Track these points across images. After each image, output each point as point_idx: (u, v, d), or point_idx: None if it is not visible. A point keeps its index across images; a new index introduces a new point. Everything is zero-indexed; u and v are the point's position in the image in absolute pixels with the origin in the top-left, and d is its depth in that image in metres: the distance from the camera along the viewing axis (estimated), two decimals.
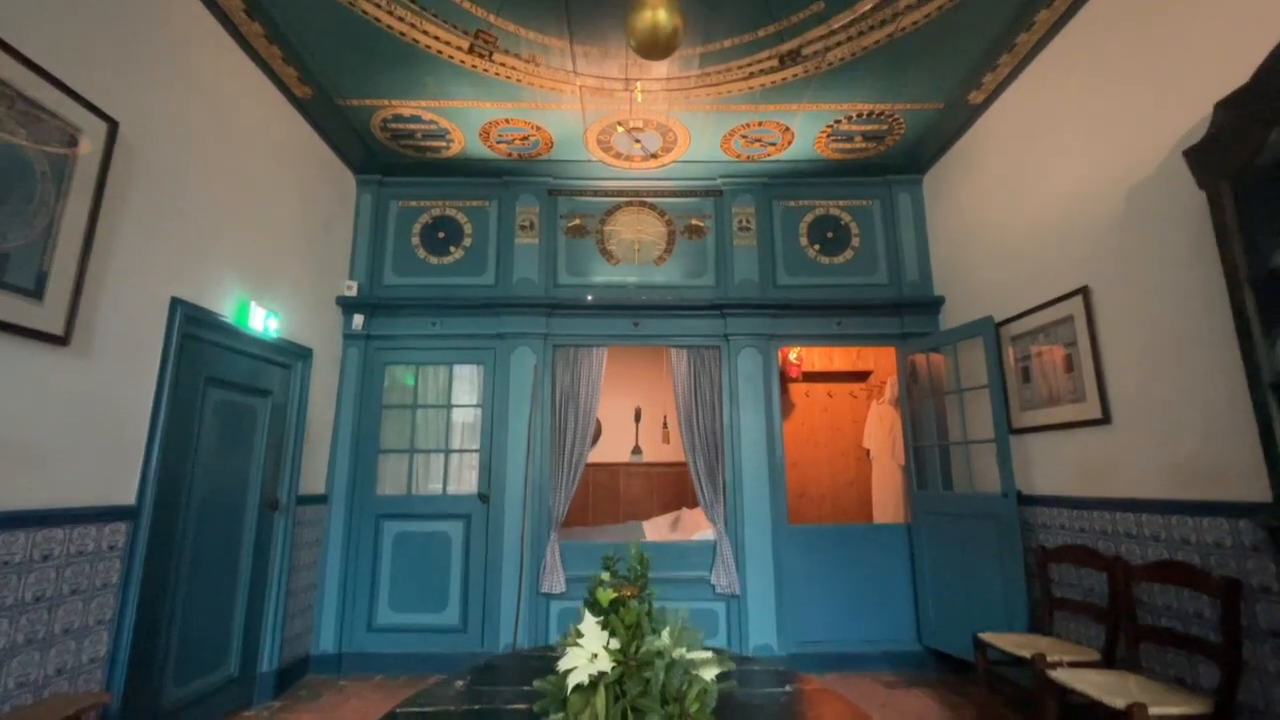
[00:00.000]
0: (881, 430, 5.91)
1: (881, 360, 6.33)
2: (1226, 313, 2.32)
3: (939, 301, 4.70)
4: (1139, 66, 2.88)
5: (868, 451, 6.14)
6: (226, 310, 3.35)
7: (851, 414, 6.63)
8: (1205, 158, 2.20)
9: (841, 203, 5.10)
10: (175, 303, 2.96)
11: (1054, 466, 3.46)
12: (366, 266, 4.85)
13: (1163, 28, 2.76)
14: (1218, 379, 2.46)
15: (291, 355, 4.01)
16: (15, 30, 2.19)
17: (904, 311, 4.78)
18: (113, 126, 2.55)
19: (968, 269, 4.37)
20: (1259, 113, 2.00)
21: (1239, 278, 2.09)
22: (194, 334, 3.12)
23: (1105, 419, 3.06)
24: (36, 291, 2.25)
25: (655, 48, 1.77)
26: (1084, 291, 3.19)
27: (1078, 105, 3.29)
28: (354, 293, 4.69)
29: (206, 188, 3.20)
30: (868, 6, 3.26)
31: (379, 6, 3.25)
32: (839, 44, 3.52)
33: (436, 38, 3.47)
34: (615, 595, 1.33)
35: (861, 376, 6.63)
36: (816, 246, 5.00)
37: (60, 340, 2.34)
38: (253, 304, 3.54)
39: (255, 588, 3.64)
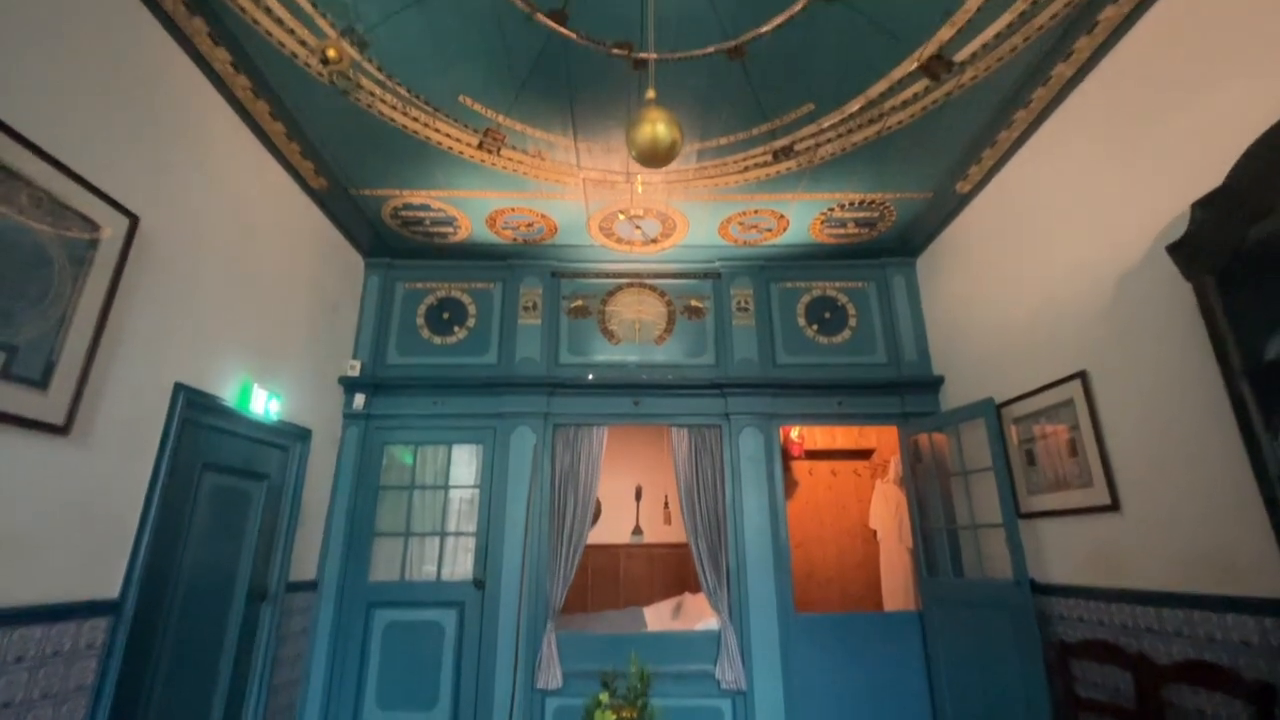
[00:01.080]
0: (887, 511, 5.79)
1: (884, 438, 6.28)
2: (1227, 401, 2.32)
3: (938, 381, 4.72)
4: (1115, 164, 3.03)
5: (875, 532, 5.99)
6: (229, 393, 3.36)
7: (856, 492, 6.51)
8: (1188, 254, 2.27)
9: (837, 284, 5.22)
10: (178, 388, 2.97)
11: (1067, 553, 3.36)
12: (371, 346, 4.91)
13: (1136, 128, 2.91)
14: (1223, 468, 2.43)
15: (290, 437, 3.99)
16: (48, 129, 2.30)
17: (904, 391, 4.79)
18: (134, 222, 2.65)
19: (965, 350, 4.41)
20: (1235, 213, 2.08)
21: (1235, 372, 2.11)
22: (194, 419, 3.12)
23: (1114, 505, 3.00)
24: (42, 382, 2.27)
25: (655, 159, 1.88)
26: (1082, 376, 3.21)
27: (1060, 197, 3.42)
28: (357, 372, 4.72)
29: (220, 275, 3.29)
30: (855, 107, 3.46)
31: (394, 108, 3.46)
32: (829, 141, 3.72)
33: (448, 135, 3.67)
34: (614, 718, 1.26)
35: (865, 454, 6.56)
36: (814, 326, 5.08)
37: (60, 430, 2.34)
38: (255, 386, 3.56)
39: (235, 687, 3.46)
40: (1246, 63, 2.36)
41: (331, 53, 2.96)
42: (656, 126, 1.83)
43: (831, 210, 4.50)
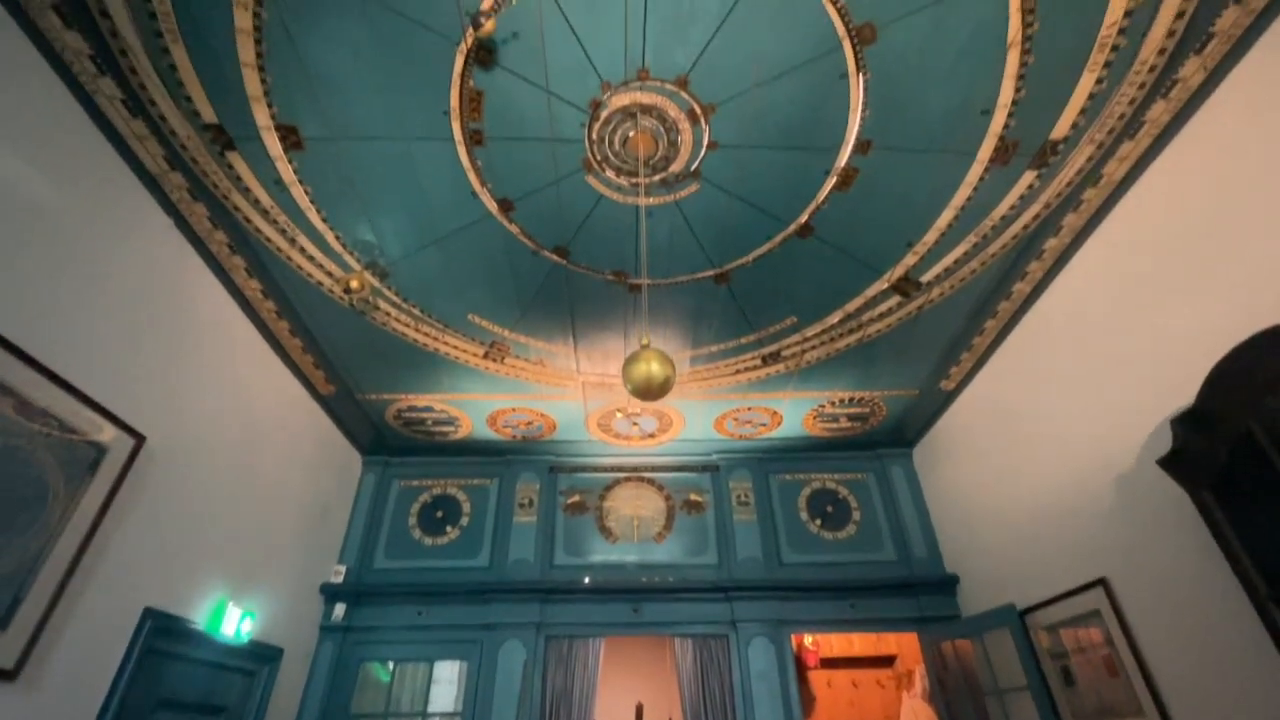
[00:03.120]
0: None
1: (905, 643, 5.79)
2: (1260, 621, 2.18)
3: (953, 580, 4.48)
4: (1086, 373, 3.17)
5: None
6: (200, 614, 3.15)
7: (882, 707, 5.83)
8: (1180, 469, 2.29)
9: (837, 476, 5.18)
10: (147, 614, 2.79)
11: None
12: (359, 548, 4.72)
13: (1100, 341, 3.10)
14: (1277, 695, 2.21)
15: (259, 660, 3.66)
16: (73, 353, 2.42)
17: (918, 591, 4.52)
18: (139, 442, 2.70)
19: (977, 547, 4.25)
20: (1215, 431, 2.14)
21: (1260, 594, 2.01)
22: (157, 647, 2.88)
23: None
24: (3, 621, 2.13)
25: (649, 394, 1.99)
26: (1104, 584, 3.05)
27: (1040, 401, 3.54)
28: (341, 579, 4.48)
29: (217, 487, 3.27)
30: (835, 320, 3.73)
31: (407, 326, 3.71)
32: (814, 348, 3.95)
33: (456, 347, 3.90)
34: None
35: (886, 661, 6.00)
36: (818, 521, 4.94)
37: (8, 674, 2.14)
38: (230, 604, 3.35)
39: None
40: (1190, 285, 2.59)
41: (355, 284, 3.26)
42: (651, 365, 1.96)
43: (823, 406, 4.63)
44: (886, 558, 4.76)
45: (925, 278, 3.42)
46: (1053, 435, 3.44)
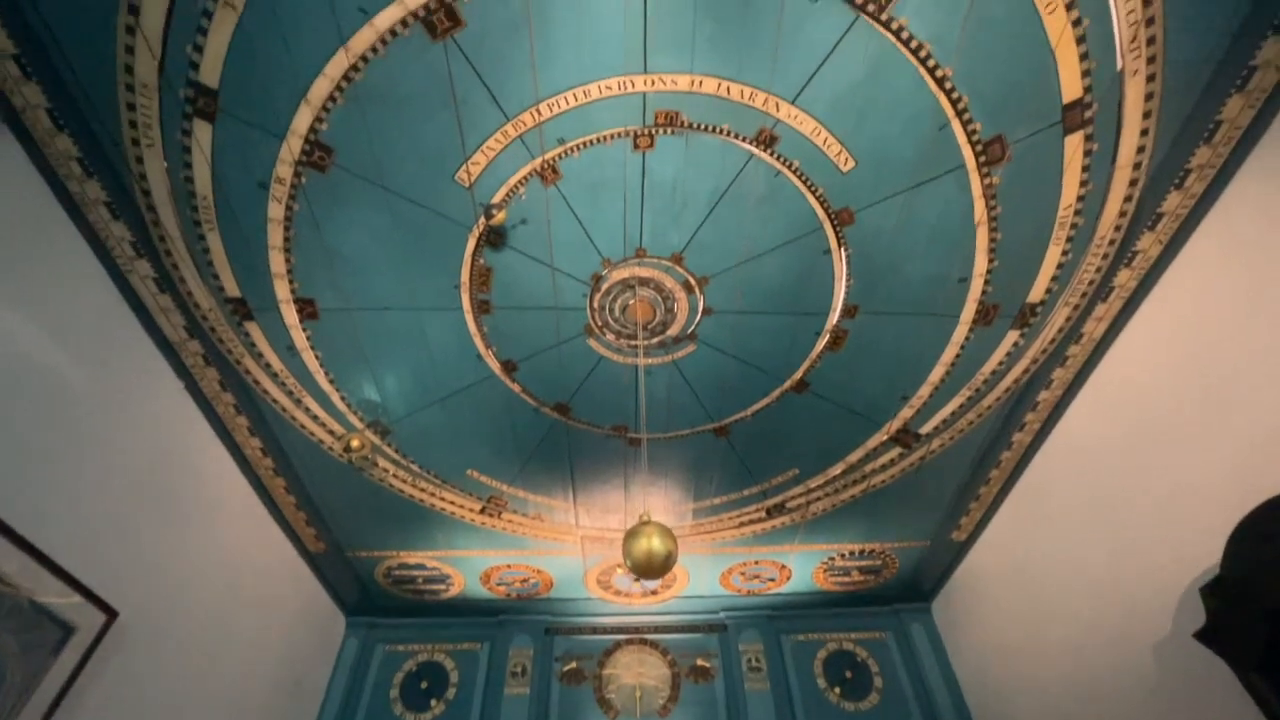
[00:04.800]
0: None
1: None
2: None
3: None
4: (1098, 527, 3.08)
5: None
6: None
7: None
8: (1219, 645, 2.14)
9: (853, 635, 4.83)
10: None
11: None
12: None
13: (1104, 500, 3.04)
14: None
15: None
16: (57, 529, 2.35)
17: None
18: (110, 619, 2.54)
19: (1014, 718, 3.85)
20: (1245, 605, 2.03)
21: None
22: None
23: None
24: None
25: (651, 572, 1.91)
26: None
27: (1053, 556, 3.40)
28: None
29: (184, 662, 3.03)
30: (838, 471, 3.69)
31: (405, 482, 3.67)
32: (818, 499, 3.86)
33: (452, 502, 3.82)
34: None
35: None
36: (837, 690, 4.52)
37: None
38: None
39: None
40: (1188, 439, 2.59)
41: (355, 442, 3.27)
42: (652, 540, 1.90)
43: (833, 559, 4.44)
44: None
45: (924, 429, 3.43)
46: (1074, 595, 3.26)
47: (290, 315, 2.80)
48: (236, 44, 2.04)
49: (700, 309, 2.85)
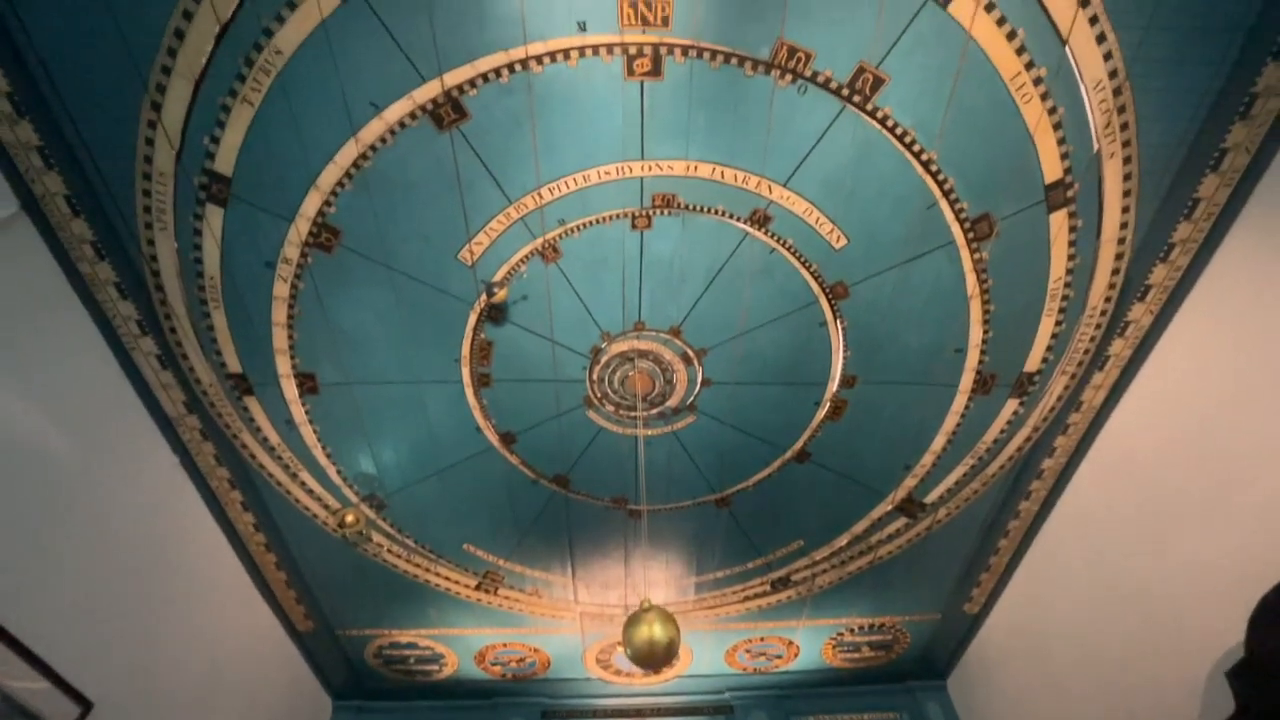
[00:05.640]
0: None
1: None
2: None
3: None
4: (1112, 599, 2.97)
5: None
6: None
7: None
8: None
9: (866, 716, 4.58)
10: None
11: None
12: None
13: (1124, 561, 2.95)
14: None
15: None
16: (25, 612, 2.26)
17: None
18: (84, 710, 2.42)
19: None
20: (1274, 688, 1.94)
21: None
22: None
23: None
24: None
25: (653, 660, 1.83)
26: None
27: (1070, 627, 3.28)
28: None
29: None
30: (843, 542, 3.60)
31: (399, 556, 3.57)
32: (824, 571, 3.75)
33: (447, 578, 3.70)
34: None
35: None
36: None
37: None
38: None
39: None
40: (1196, 510, 2.54)
41: (350, 518, 3.20)
42: (654, 628, 1.82)
43: (841, 635, 4.27)
44: None
45: (929, 499, 3.38)
46: (1094, 673, 3.12)
47: (290, 390, 2.80)
48: (252, 135, 2.14)
49: (699, 380, 2.86)
